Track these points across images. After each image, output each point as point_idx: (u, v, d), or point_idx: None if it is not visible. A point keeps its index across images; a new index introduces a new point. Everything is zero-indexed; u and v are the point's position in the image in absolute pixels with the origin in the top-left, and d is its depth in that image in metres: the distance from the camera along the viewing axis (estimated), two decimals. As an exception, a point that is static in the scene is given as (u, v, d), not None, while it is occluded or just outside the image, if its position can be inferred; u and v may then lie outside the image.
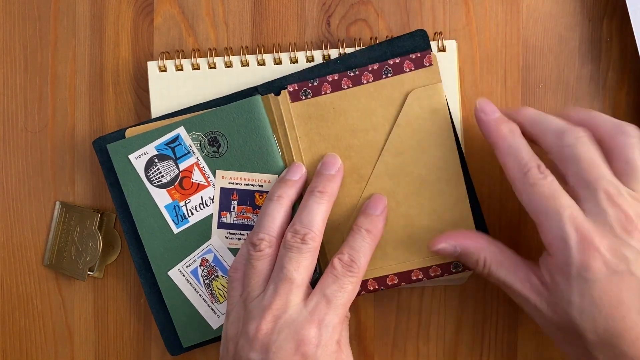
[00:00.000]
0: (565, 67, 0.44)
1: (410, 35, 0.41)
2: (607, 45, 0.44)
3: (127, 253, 0.45)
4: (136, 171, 0.42)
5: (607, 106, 0.44)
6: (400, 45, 0.41)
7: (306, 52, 0.43)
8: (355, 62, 0.41)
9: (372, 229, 0.39)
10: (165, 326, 0.43)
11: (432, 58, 0.40)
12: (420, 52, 0.40)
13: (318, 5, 0.44)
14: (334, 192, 0.40)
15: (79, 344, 0.46)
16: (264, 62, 0.43)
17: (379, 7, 0.44)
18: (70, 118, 0.45)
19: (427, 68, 0.40)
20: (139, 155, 0.42)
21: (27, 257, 0.46)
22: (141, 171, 0.42)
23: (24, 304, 0.46)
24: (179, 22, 0.45)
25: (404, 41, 0.41)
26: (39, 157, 0.45)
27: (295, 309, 0.36)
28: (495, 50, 0.44)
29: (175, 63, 0.43)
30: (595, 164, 0.34)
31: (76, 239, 0.45)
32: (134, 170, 0.42)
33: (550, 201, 0.34)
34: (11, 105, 0.46)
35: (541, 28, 0.44)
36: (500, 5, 0.44)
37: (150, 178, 0.42)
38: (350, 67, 0.41)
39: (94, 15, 0.45)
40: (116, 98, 0.45)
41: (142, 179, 0.42)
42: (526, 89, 0.44)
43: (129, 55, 0.45)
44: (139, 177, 0.42)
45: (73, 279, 0.45)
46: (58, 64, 0.45)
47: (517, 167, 0.36)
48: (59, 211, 0.45)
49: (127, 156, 0.42)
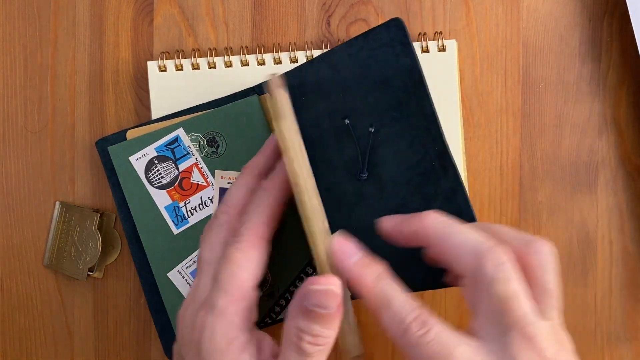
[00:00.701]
0: (566, 67, 0.44)
1: (385, 25, 0.38)
2: (607, 45, 0.44)
3: (127, 253, 0.45)
4: (136, 172, 0.42)
5: (607, 106, 0.44)
6: (376, 38, 0.38)
7: (306, 51, 0.43)
8: (337, 59, 0.39)
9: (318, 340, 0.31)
10: (164, 328, 0.43)
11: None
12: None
13: (318, 5, 0.44)
14: (258, 165, 0.36)
15: (79, 344, 0.46)
16: (264, 62, 0.43)
17: (379, 7, 0.44)
18: (70, 118, 0.45)
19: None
20: (139, 157, 0.42)
21: (27, 257, 0.46)
22: (141, 172, 0.42)
23: (24, 304, 0.46)
24: (178, 22, 0.45)
25: (379, 33, 0.38)
26: (38, 157, 0.45)
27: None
28: (495, 50, 0.44)
29: (175, 63, 0.43)
30: (516, 304, 0.29)
31: (76, 239, 0.45)
32: (135, 172, 0.42)
33: (442, 357, 0.28)
34: (11, 105, 0.46)
35: (541, 28, 0.44)
36: (501, 5, 0.44)
37: (151, 179, 0.42)
38: (334, 64, 0.39)
39: (93, 15, 0.45)
40: (116, 98, 0.45)
41: (143, 180, 0.42)
42: (526, 89, 0.44)
43: (128, 55, 0.45)
44: (139, 179, 0.42)
45: (73, 279, 0.45)
46: (58, 64, 0.45)
47: (393, 325, 0.30)
48: (58, 211, 0.45)
49: (128, 158, 0.42)
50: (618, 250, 0.44)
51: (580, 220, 0.44)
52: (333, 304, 0.30)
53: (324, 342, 0.30)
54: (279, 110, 0.32)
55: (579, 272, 0.44)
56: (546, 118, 0.44)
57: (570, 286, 0.44)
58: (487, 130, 0.44)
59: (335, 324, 0.31)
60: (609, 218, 0.44)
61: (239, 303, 0.32)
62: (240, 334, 0.31)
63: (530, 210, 0.44)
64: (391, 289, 0.30)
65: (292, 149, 0.32)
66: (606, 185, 0.44)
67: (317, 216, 0.32)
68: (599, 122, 0.44)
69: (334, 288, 0.30)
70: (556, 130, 0.44)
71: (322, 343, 0.30)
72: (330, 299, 0.30)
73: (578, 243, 0.44)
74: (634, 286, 0.44)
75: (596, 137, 0.44)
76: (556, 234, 0.44)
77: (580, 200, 0.44)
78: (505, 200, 0.44)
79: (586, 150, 0.44)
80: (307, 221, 0.31)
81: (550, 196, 0.44)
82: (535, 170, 0.44)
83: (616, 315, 0.44)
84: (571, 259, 0.44)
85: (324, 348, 0.30)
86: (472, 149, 0.44)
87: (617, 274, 0.44)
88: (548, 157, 0.44)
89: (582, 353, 0.44)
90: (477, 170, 0.44)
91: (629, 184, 0.44)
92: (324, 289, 0.30)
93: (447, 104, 0.42)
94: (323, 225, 0.32)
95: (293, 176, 0.31)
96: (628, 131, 0.44)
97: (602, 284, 0.44)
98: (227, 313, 0.31)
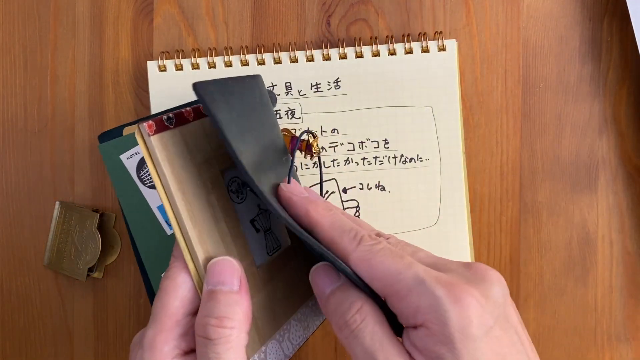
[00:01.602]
0: (566, 67, 0.44)
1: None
2: (607, 45, 0.44)
3: (126, 253, 0.45)
4: (128, 171, 0.41)
5: (607, 105, 0.44)
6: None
7: (306, 51, 0.43)
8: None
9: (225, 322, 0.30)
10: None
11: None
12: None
13: (318, 5, 0.44)
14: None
15: (78, 344, 0.46)
16: (263, 61, 0.43)
17: (379, 7, 0.44)
18: (70, 118, 0.45)
19: None
20: (130, 155, 0.41)
21: (27, 257, 0.46)
22: (133, 171, 0.41)
23: (24, 304, 0.46)
24: (178, 22, 0.45)
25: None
26: (38, 157, 0.45)
27: None
28: (495, 49, 0.44)
29: (175, 63, 0.43)
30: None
31: (76, 239, 0.45)
32: (126, 171, 0.41)
33: (397, 260, 0.29)
34: (11, 105, 0.46)
35: (542, 28, 0.44)
36: (501, 5, 0.44)
37: (142, 178, 0.41)
38: None
39: (93, 15, 0.45)
40: (116, 98, 0.45)
41: (134, 179, 0.41)
42: (526, 89, 0.44)
43: (128, 55, 0.45)
44: (131, 178, 0.41)
45: (73, 279, 0.45)
46: (58, 63, 0.45)
47: (347, 239, 0.30)
48: (58, 211, 0.45)
49: (119, 156, 0.41)
50: (618, 250, 0.44)
51: (580, 220, 0.44)
52: (234, 280, 0.30)
53: (230, 325, 0.29)
54: (151, 157, 0.31)
55: (579, 272, 0.44)
56: (546, 118, 0.44)
57: (570, 286, 0.44)
58: (487, 130, 0.44)
59: (241, 305, 0.30)
60: (609, 218, 0.44)
61: (169, 332, 0.31)
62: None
63: (530, 210, 0.44)
64: (342, 215, 0.32)
65: (162, 194, 0.31)
66: (606, 185, 0.44)
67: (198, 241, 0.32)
68: (599, 122, 0.44)
69: (233, 260, 0.31)
70: (556, 130, 0.44)
71: (228, 326, 0.29)
72: (228, 274, 0.30)
73: (578, 243, 0.44)
74: (634, 286, 0.44)
75: (596, 137, 0.44)
76: (556, 234, 0.44)
77: (581, 200, 0.44)
78: (505, 200, 0.44)
79: (586, 150, 0.44)
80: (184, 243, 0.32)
81: (550, 196, 0.44)
82: (535, 170, 0.44)
83: (616, 314, 0.44)
84: (571, 259, 0.44)
85: (230, 333, 0.29)
86: (472, 149, 0.44)
87: (617, 273, 0.44)
88: (548, 157, 0.44)
89: (583, 352, 0.44)
90: (477, 170, 0.44)
91: (629, 183, 0.44)
92: (221, 258, 0.31)
93: (447, 104, 0.42)
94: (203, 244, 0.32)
95: (171, 218, 0.31)
96: (628, 131, 0.44)
97: (602, 284, 0.44)
98: (155, 343, 0.31)
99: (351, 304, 0.29)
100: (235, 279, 0.30)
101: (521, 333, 0.28)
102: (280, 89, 0.43)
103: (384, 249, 0.29)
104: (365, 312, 0.29)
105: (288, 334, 0.35)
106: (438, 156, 0.43)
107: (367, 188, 0.43)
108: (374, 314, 0.29)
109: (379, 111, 0.43)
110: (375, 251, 0.29)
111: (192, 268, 0.31)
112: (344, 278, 0.31)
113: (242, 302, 0.30)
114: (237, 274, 0.31)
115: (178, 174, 0.31)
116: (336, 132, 0.43)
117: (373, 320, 0.29)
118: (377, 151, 0.43)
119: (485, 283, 0.28)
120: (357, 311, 0.29)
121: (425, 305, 0.27)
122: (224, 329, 0.29)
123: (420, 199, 0.43)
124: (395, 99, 0.43)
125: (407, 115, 0.43)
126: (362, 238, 0.30)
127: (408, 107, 0.43)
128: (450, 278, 0.28)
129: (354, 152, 0.43)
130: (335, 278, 0.31)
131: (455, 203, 0.43)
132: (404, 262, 0.28)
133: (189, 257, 0.31)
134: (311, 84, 0.43)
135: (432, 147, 0.43)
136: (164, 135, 0.31)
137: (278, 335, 0.34)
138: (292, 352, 0.35)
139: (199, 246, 0.31)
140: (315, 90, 0.43)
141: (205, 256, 0.31)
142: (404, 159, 0.43)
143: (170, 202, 0.31)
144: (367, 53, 0.43)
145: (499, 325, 0.27)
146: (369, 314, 0.29)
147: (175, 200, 0.31)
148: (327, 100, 0.43)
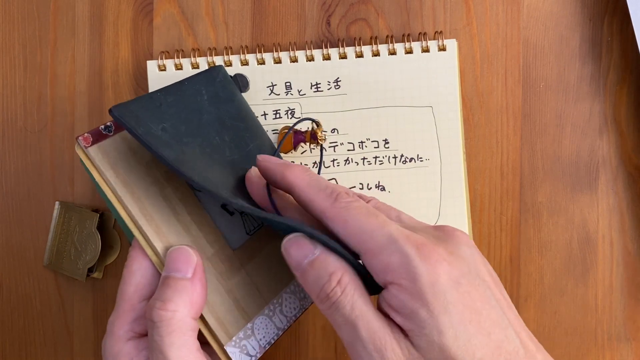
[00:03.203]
0: (566, 67, 0.44)
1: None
2: (607, 45, 0.44)
3: (126, 253, 0.45)
4: None
5: (607, 106, 0.44)
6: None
7: (306, 51, 0.43)
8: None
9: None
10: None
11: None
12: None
13: (318, 4, 0.44)
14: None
15: (78, 344, 0.46)
16: (263, 61, 0.43)
17: (379, 7, 0.44)
18: (70, 118, 0.45)
19: None
20: None
21: (26, 257, 0.46)
22: None
23: (24, 304, 0.46)
24: (178, 22, 0.45)
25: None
26: (38, 157, 0.45)
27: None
28: (495, 49, 0.44)
29: (175, 62, 0.43)
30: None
31: (75, 239, 0.45)
32: None
33: (372, 219, 0.29)
34: (11, 105, 0.46)
35: (542, 27, 0.44)
36: (501, 4, 0.44)
37: None
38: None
39: (93, 14, 0.45)
40: (116, 97, 0.45)
41: None
42: (527, 89, 0.44)
43: (128, 55, 0.45)
44: None
45: (72, 279, 0.45)
46: (57, 63, 0.45)
47: (323, 197, 0.31)
48: (58, 211, 0.45)
49: None
50: (618, 250, 0.44)
51: (580, 220, 0.44)
52: (188, 267, 0.32)
53: (172, 309, 0.30)
54: (94, 166, 0.33)
55: (579, 272, 0.44)
56: (546, 118, 0.44)
57: (570, 286, 0.44)
58: (487, 130, 0.44)
59: (190, 291, 0.31)
60: (609, 218, 0.44)
61: (124, 316, 0.33)
62: (124, 346, 0.32)
63: (530, 210, 0.44)
64: (319, 176, 0.33)
65: (113, 198, 0.33)
66: (607, 185, 0.44)
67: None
68: (600, 121, 0.44)
69: (189, 249, 0.32)
70: (556, 130, 0.44)
71: (170, 309, 0.30)
72: (182, 262, 0.32)
73: (578, 243, 0.44)
74: (635, 286, 0.44)
75: (596, 137, 0.44)
76: (556, 233, 0.44)
77: (581, 200, 0.44)
78: (505, 200, 0.44)
79: (586, 150, 0.44)
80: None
81: (550, 196, 0.44)
82: (535, 170, 0.44)
83: (617, 315, 0.44)
84: (571, 259, 0.44)
85: (172, 316, 0.30)
86: (472, 149, 0.44)
87: (617, 273, 0.44)
88: (548, 157, 0.44)
89: (583, 352, 0.44)
90: (477, 170, 0.44)
91: (630, 183, 0.44)
92: (177, 247, 0.32)
93: (448, 104, 0.42)
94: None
95: (125, 218, 0.33)
96: (628, 131, 0.44)
97: (602, 284, 0.44)
98: (114, 329, 0.33)
99: (331, 276, 0.29)
100: (189, 266, 0.32)
101: (494, 289, 0.29)
102: (280, 88, 0.43)
103: (360, 207, 0.30)
104: (345, 282, 0.29)
105: (280, 308, 0.36)
106: (438, 156, 0.43)
107: (367, 188, 0.43)
108: (353, 282, 0.29)
109: (379, 111, 0.43)
110: (351, 208, 0.30)
111: (155, 260, 0.33)
112: (320, 248, 0.30)
113: (192, 289, 0.31)
114: (192, 262, 0.32)
115: (123, 177, 0.33)
116: (336, 132, 0.43)
117: (352, 289, 0.29)
118: (377, 151, 0.43)
119: (452, 242, 0.29)
120: (337, 283, 0.29)
121: (396, 262, 0.28)
122: (166, 311, 0.30)
123: (420, 199, 0.43)
124: (395, 99, 0.43)
125: (407, 115, 0.43)
126: (338, 194, 0.31)
127: (408, 107, 0.43)
128: (420, 237, 0.29)
129: (353, 152, 0.43)
130: (309, 249, 0.30)
131: (455, 203, 0.43)
132: (378, 220, 0.29)
133: (151, 251, 0.33)
134: (311, 84, 0.43)
135: (432, 147, 0.43)
136: (102, 144, 0.33)
137: (267, 310, 0.35)
138: (287, 324, 0.36)
139: (157, 240, 0.33)
140: (315, 90, 0.43)
141: (165, 246, 0.33)
142: (404, 159, 0.43)
143: (121, 204, 0.33)
144: (367, 53, 0.42)
145: (467, 281, 0.28)
146: (349, 283, 0.29)
147: (125, 202, 0.33)
148: (327, 100, 0.43)
